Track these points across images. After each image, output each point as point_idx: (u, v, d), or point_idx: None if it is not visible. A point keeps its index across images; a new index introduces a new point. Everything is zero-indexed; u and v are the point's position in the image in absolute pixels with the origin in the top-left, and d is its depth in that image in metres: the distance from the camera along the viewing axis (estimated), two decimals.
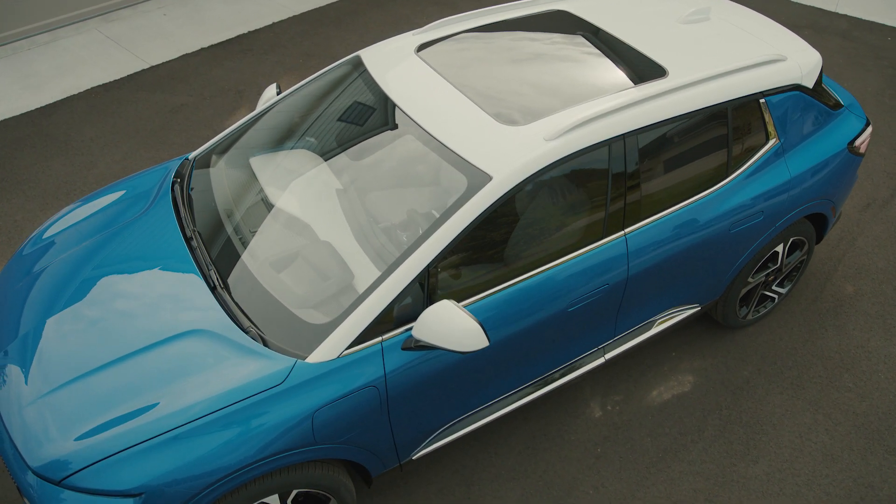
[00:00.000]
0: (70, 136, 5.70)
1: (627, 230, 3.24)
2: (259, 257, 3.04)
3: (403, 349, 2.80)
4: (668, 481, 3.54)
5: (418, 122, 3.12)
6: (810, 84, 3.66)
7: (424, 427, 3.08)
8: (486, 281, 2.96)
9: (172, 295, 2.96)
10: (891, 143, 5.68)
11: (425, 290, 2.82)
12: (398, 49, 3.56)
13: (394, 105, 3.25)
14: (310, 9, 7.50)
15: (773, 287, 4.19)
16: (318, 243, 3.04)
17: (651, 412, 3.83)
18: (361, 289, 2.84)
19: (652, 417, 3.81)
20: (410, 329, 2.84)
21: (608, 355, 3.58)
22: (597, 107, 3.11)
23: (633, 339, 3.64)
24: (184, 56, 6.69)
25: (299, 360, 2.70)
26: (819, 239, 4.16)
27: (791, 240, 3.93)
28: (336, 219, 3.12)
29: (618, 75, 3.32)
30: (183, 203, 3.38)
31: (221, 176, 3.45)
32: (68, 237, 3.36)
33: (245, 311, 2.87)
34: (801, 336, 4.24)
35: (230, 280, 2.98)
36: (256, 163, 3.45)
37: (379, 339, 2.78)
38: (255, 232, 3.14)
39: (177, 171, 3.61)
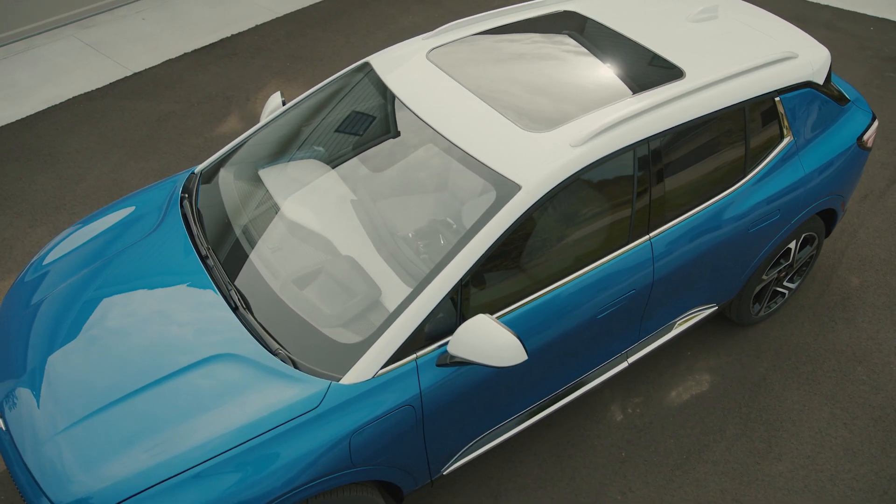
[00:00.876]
0: (55, 149, 5.52)
1: (652, 234, 3.21)
2: (281, 275, 2.95)
3: (438, 365, 2.74)
4: (694, 483, 3.53)
5: (439, 130, 3.06)
6: (821, 80, 3.66)
7: (457, 441, 3.02)
8: (516, 292, 2.91)
9: (192, 318, 2.85)
10: (883, 133, 5.74)
11: (457, 304, 2.76)
12: (409, 54, 3.48)
13: (411, 113, 3.18)
14: (293, 10, 7.37)
15: (784, 283, 4.20)
16: (340, 258, 2.96)
17: (672, 413, 3.82)
18: (391, 305, 2.77)
19: (673, 419, 3.80)
20: (444, 344, 2.78)
21: (631, 359, 3.56)
22: (620, 111, 3.07)
23: (654, 341, 3.62)
24: (167, 62, 6.53)
25: (334, 382, 2.62)
26: (828, 233, 4.18)
27: (803, 235, 3.94)
28: (355, 232, 3.04)
29: (636, 77, 3.28)
30: (194, 220, 3.27)
31: (233, 190, 3.35)
32: (74, 260, 3.23)
33: (271, 332, 2.78)
34: (812, 330, 4.26)
35: (252, 300, 2.89)
36: (268, 176, 3.36)
37: (413, 356, 2.72)
38: (274, 248, 3.05)
39: (184, 186, 3.50)
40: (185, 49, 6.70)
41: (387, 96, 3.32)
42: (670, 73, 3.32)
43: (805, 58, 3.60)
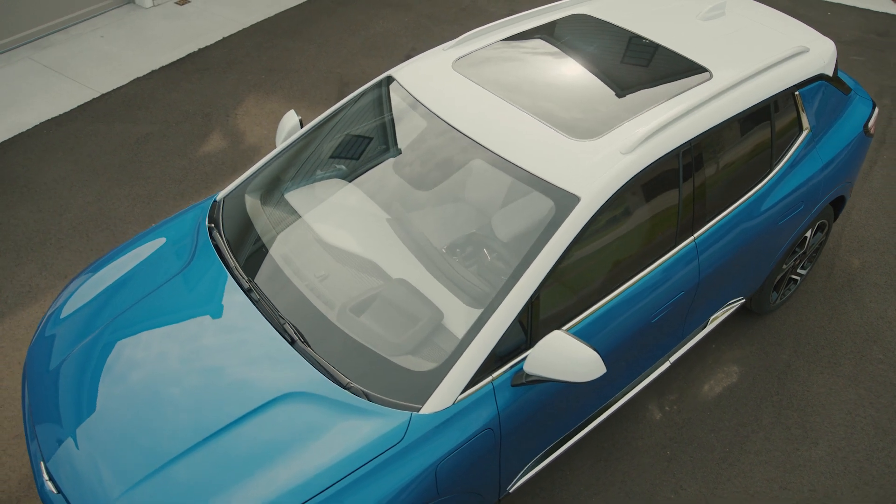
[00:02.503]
0: (30, 179, 5.23)
1: (696, 234, 3.24)
2: (334, 304, 2.85)
3: (513, 385, 2.70)
4: (741, 475, 3.59)
5: (484, 144, 3.00)
6: (831, 72, 3.76)
7: (526, 457, 2.99)
8: (575, 304, 2.89)
9: (248, 357, 2.73)
10: None
11: (528, 322, 2.72)
12: (435, 66, 3.41)
13: (450, 127, 3.11)
14: (258, 20, 7.17)
15: (798, 270, 4.30)
16: (394, 283, 2.88)
17: (707, 407, 3.87)
18: (458, 328, 2.71)
19: (709, 412, 3.85)
20: (515, 364, 2.74)
21: (672, 359, 3.59)
22: (662, 115, 3.08)
23: (692, 339, 3.66)
24: (135, 81, 6.26)
25: (414, 413, 2.55)
26: (835, 219, 4.30)
27: (817, 223, 4.05)
28: (402, 254, 2.96)
29: (666, 79, 3.30)
30: (228, 252, 3.13)
31: (265, 218, 3.23)
32: (102, 305, 3.05)
33: (337, 365, 2.69)
34: (824, 314, 4.38)
35: (309, 332, 2.78)
36: (301, 200, 3.25)
37: (489, 378, 2.67)
38: (321, 277, 2.95)
39: (209, 215, 3.35)
40: (152, 66, 6.44)
41: (419, 111, 3.24)
42: (698, 73, 3.35)
43: (815, 51, 3.68)
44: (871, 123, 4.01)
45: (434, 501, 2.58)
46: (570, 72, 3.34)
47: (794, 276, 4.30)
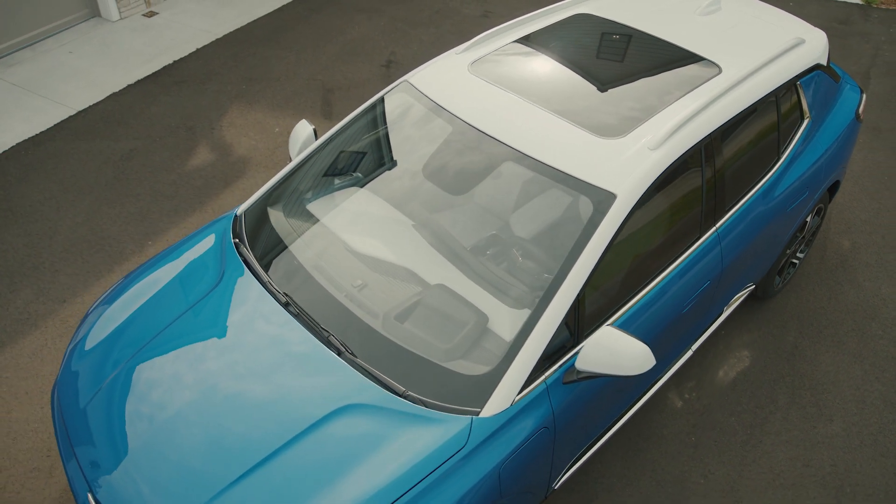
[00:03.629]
0: (14, 202, 5.06)
1: (718, 224, 3.32)
2: (377, 313, 2.84)
3: (565, 383, 2.73)
4: (765, 455, 3.70)
5: (513, 146, 3.03)
6: (825, 62, 3.89)
7: (573, 453, 3.03)
8: (614, 299, 2.94)
9: (297, 372, 2.70)
10: None
11: (574, 320, 2.76)
12: (451, 70, 3.42)
13: (476, 131, 3.13)
14: (232, 30, 7.06)
15: (797, 254, 4.45)
16: (433, 289, 2.89)
17: (725, 392, 3.98)
18: (505, 330, 2.73)
19: (727, 397, 3.95)
20: (564, 363, 2.77)
21: (694, 347, 3.67)
22: (683, 110, 3.15)
23: (711, 326, 3.75)
24: (112, 96, 6.11)
25: (474, 417, 2.56)
26: (829, 202, 4.46)
27: (817, 207, 4.19)
28: (437, 260, 2.97)
29: (679, 75, 3.37)
30: (259, 266, 3.09)
31: (293, 230, 3.19)
32: (134, 329, 2.97)
33: (389, 374, 2.68)
34: (823, 295, 4.53)
35: (356, 343, 2.77)
36: (329, 211, 3.22)
37: (542, 377, 2.69)
38: (359, 286, 2.94)
39: (233, 231, 3.30)
40: (128, 80, 6.29)
41: (443, 115, 3.25)
42: (708, 68, 3.44)
43: (811, 42, 3.81)
44: (861, 109, 4.17)
45: (496, 502, 2.59)
46: (585, 71, 3.39)
47: (793, 261, 4.44)
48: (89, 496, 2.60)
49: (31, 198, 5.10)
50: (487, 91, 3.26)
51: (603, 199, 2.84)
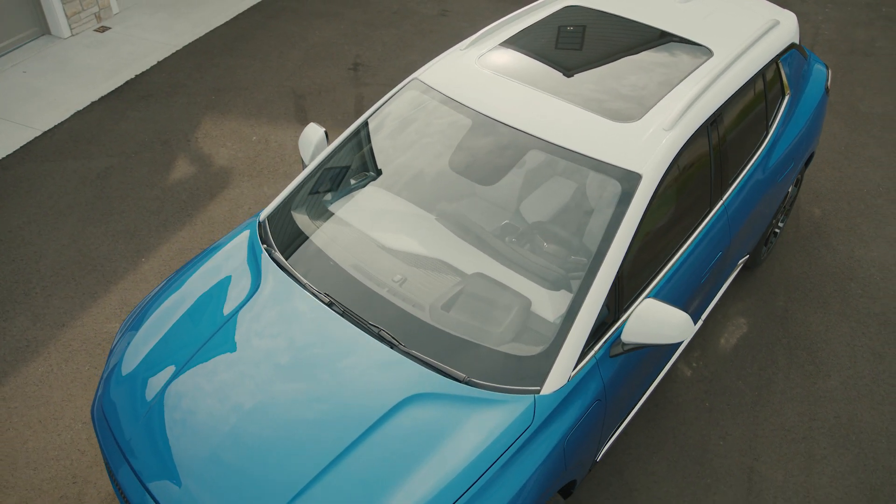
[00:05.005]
0: None
1: (724, 198, 3.51)
2: (423, 305, 2.91)
3: (612, 356, 2.86)
4: (775, 414, 3.92)
5: (536, 135, 3.14)
6: (797, 41, 4.15)
7: (616, 424, 3.16)
8: (643, 274, 3.08)
9: (353, 368, 2.74)
10: None
11: (615, 295, 2.89)
12: (461, 66, 3.51)
13: (497, 122, 3.22)
14: (189, 41, 6.96)
15: (778, 224, 4.71)
16: (473, 278, 2.97)
17: (729, 358, 4.19)
18: (547, 311, 2.84)
19: (732, 362, 4.17)
20: (608, 337, 2.89)
21: (703, 317, 3.86)
22: (688, 91, 3.32)
23: (716, 297, 3.94)
24: (77, 115, 5.95)
25: (536, 395, 2.66)
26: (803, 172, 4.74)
27: (795, 178, 4.45)
28: (468, 250, 3.06)
29: (676, 59, 3.55)
30: (295, 270, 3.11)
31: (322, 231, 3.22)
32: (175, 342, 2.94)
33: (446, 362, 2.75)
34: (803, 261, 4.81)
35: (407, 335, 2.83)
36: (356, 210, 3.26)
37: (591, 354, 2.81)
38: (400, 280, 3.00)
39: (260, 237, 3.30)
40: (91, 98, 6.14)
41: (459, 110, 3.33)
42: (701, 52, 3.62)
43: (784, 23, 4.05)
44: (829, 83, 4.45)
45: (562, 474, 2.70)
46: (587, 59, 3.52)
47: (775, 230, 4.70)
48: None
49: (9, 223, 4.94)
50: (500, 83, 3.36)
51: (630, 180, 2.97)
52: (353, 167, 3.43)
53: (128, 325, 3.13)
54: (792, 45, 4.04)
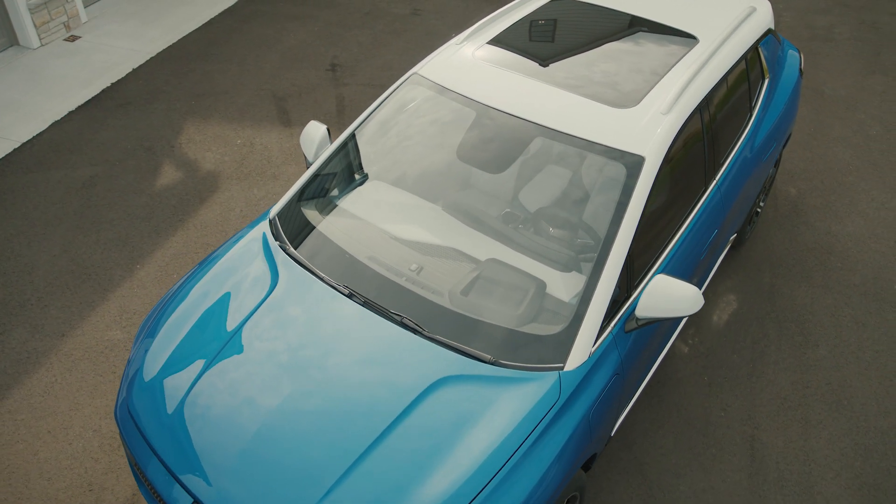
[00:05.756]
0: None
1: (717, 177, 3.66)
2: (442, 291, 2.99)
3: (627, 332, 2.97)
4: (770, 384, 4.08)
5: (541, 123, 3.24)
6: (773, 26, 4.33)
7: (629, 399, 3.27)
8: (651, 250, 3.20)
9: (379, 356, 2.81)
10: None
11: (626, 273, 3.00)
12: (460, 60, 3.59)
13: (501, 113, 3.31)
14: (163, 48, 6.92)
15: (760, 203, 4.89)
16: (487, 263, 3.06)
17: (722, 333, 4.35)
18: (561, 292, 2.94)
19: (725, 337, 4.33)
20: (622, 314, 3.00)
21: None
22: (680, 76, 3.45)
23: (709, 276, 4.09)
24: (55, 125, 5.88)
25: (561, 371, 2.75)
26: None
27: (777, 158, 4.63)
28: (478, 237, 3.15)
29: (663, 46, 3.68)
30: (312, 264, 3.15)
31: (334, 226, 3.28)
32: (199, 341, 2.97)
33: (471, 345, 2.83)
34: (784, 238, 5.01)
35: (429, 321, 2.90)
36: (367, 204, 3.32)
37: (607, 330, 2.92)
38: (416, 269, 3.07)
39: (273, 234, 3.34)
40: (68, 108, 6.07)
41: (462, 102, 3.41)
42: (687, 39, 3.77)
43: (761, 9, 4.23)
44: (802, 66, 4.64)
45: (588, 447, 2.80)
46: (581, 49, 3.64)
47: (757, 209, 4.88)
48: None
49: None
50: (499, 75, 3.45)
51: (634, 163, 3.09)
52: (360, 162, 3.48)
53: (146, 327, 3.14)
54: (769, 31, 4.21)
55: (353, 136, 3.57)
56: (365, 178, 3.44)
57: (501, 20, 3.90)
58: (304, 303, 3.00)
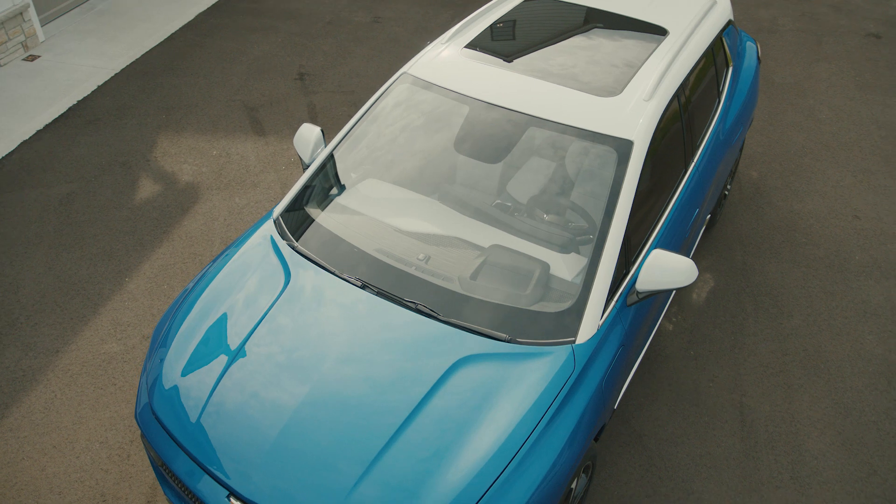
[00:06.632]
0: None
1: (695, 159, 3.87)
2: (451, 278, 3.11)
3: (629, 305, 3.14)
4: (751, 354, 4.31)
5: (533, 114, 3.39)
6: (732, 17, 4.59)
7: (629, 372, 3.44)
8: (643, 229, 3.38)
9: (400, 342, 2.91)
10: None
11: (624, 251, 3.17)
12: (448, 58, 3.72)
13: (494, 106, 3.46)
14: (127, 63, 6.88)
15: (728, 186, 5.15)
16: (491, 249, 3.20)
17: (703, 310, 4.57)
18: (564, 271, 3.09)
19: (706, 314, 4.55)
20: (623, 290, 3.17)
21: None
22: (657, 66, 3.66)
23: (691, 252, 4.31)
24: (24, 144, 5.81)
25: (573, 344, 2.90)
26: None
27: (742, 141, 4.90)
28: (478, 226, 3.29)
29: (637, 38, 3.89)
30: (323, 260, 3.24)
31: (339, 222, 3.37)
32: (217, 342, 3.03)
33: (486, 325, 2.95)
34: (751, 218, 5.28)
35: (443, 306, 3.02)
36: (366, 199, 3.43)
37: (611, 305, 3.08)
38: (424, 258, 3.19)
39: (279, 234, 3.41)
40: (35, 127, 6.00)
41: (455, 98, 3.55)
42: (658, 31, 3.98)
43: (721, 2, 4.48)
44: (760, 54, 4.92)
45: (602, 416, 2.95)
46: (561, 43, 3.82)
47: (725, 192, 5.14)
48: (231, 500, 2.67)
49: None
50: (487, 71, 3.60)
51: (624, 146, 3.27)
52: (357, 160, 3.58)
53: (161, 332, 3.17)
54: (729, 22, 4.47)
55: (348, 135, 3.67)
56: (363, 175, 3.54)
57: (481, 20, 4.06)
58: (318, 296, 3.08)
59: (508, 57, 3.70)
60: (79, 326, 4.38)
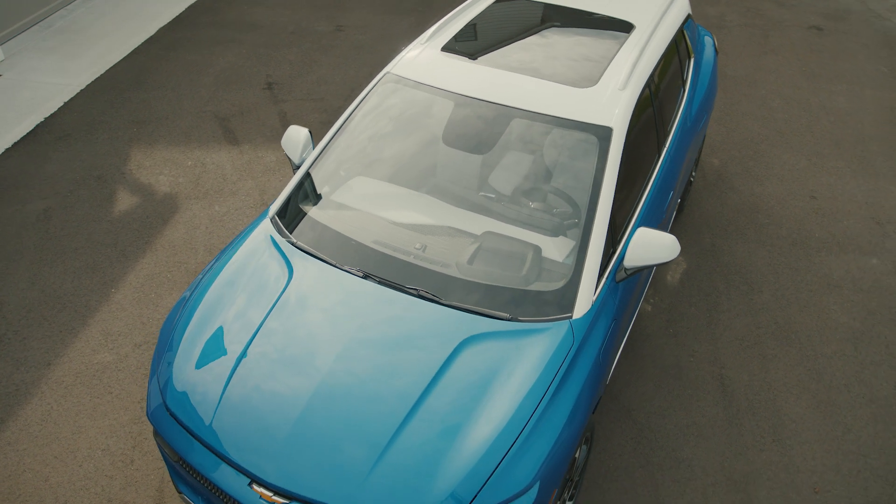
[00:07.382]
0: None
1: (667, 145, 4.08)
2: (449, 264, 3.24)
3: (618, 281, 3.31)
4: (727, 329, 4.54)
5: (516, 106, 3.55)
6: (690, 11, 4.84)
7: (619, 348, 3.61)
8: (624, 210, 3.57)
9: (405, 326, 3.02)
10: None
11: (611, 230, 3.35)
12: (429, 57, 3.87)
13: (478, 101, 3.61)
14: (91, 80, 6.86)
15: (693, 173, 5.40)
16: (485, 235, 3.34)
17: (678, 291, 4.79)
18: (554, 253, 3.25)
19: (681, 293, 4.77)
20: (612, 267, 3.35)
21: None
22: (628, 57, 3.86)
23: None
24: None
25: (571, 320, 3.06)
26: None
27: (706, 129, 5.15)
28: (469, 215, 3.44)
29: (606, 32, 4.09)
30: (323, 254, 3.34)
31: (336, 217, 3.47)
32: (221, 342, 3.10)
33: (487, 306, 3.09)
34: (716, 203, 5.54)
35: (444, 291, 3.15)
36: (359, 194, 3.54)
37: (602, 281, 3.25)
38: (421, 247, 3.31)
39: (278, 231, 3.49)
40: (3, 145, 5.95)
41: (438, 94, 3.69)
42: (625, 25, 4.19)
43: None
44: (717, 46, 5.19)
45: (599, 388, 3.11)
46: (535, 40, 4.00)
47: (691, 179, 5.39)
48: (253, 487, 2.75)
49: None
50: (468, 68, 3.76)
51: (604, 134, 3.46)
52: (346, 159, 3.69)
53: (170, 329, 3.23)
54: (688, 16, 4.71)
55: (336, 135, 3.78)
56: (353, 173, 3.65)
57: (456, 21, 4.22)
58: (323, 288, 3.18)
59: (486, 54, 3.86)
60: (69, 339, 4.38)
